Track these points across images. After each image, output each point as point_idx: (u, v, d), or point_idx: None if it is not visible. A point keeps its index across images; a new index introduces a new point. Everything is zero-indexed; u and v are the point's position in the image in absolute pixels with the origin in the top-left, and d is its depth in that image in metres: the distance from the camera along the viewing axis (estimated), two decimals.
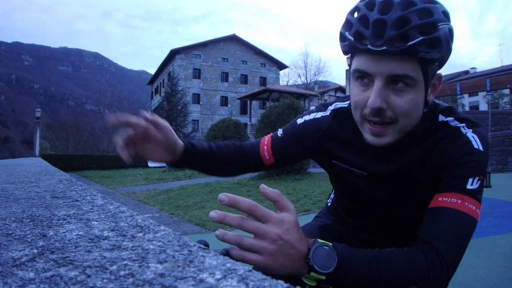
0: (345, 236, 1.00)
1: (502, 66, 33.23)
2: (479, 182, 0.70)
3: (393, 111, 0.69)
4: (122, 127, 0.74)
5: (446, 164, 0.74)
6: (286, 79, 48.88)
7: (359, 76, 0.71)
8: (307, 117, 0.93)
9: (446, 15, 0.67)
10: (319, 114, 0.92)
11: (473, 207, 0.68)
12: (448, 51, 0.68)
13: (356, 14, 0.69)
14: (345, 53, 0.75)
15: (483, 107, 29.66)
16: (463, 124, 0.77)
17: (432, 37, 0.64)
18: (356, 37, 0.68)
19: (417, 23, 0.63)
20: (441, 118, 0.79)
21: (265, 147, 0.92)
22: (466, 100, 31.18)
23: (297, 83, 46.97)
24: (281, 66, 43.04)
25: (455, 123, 0.77)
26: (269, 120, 10.47)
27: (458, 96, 7.10)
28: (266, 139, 0.94)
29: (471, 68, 40.37)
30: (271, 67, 42.03)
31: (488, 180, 5.15)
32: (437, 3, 0.67)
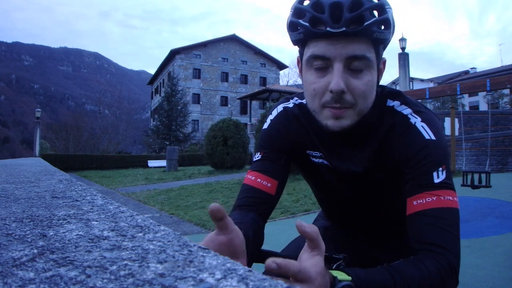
0: (345, 236, 1.01)
1: (502, 66, 33.23)
2: (444, 171, 0.69)
3: (352, 94, 0.69)
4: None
5: (403, 163, 0.73)
6: (286, 79, 48.92)
7: (315, 62, 0.70)
8: (271, 117, 0.91)
9: None
10: (281, 107, 0.91)
11: (450, 198, 0.68)
12: (393, 32, 0.71)
13: (306, 2, 0.69)
14: (296, 42, 0.74)
15: (483, 107, 29.65)
16: (410, 111, 0.76)
17: (383, 18, 0.67)
18: (312, 22, 0.68)
19: (369, 5, 0.66)
20: (389, 102, 0.79)
21: (259, 180, 0.81)
22: (466, 100, 31.17)
23: (297, 83, 46.95)
24: (281, 66, 43.05)
25: (402, 108, 0.77)
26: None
27: (458, 96, 7.09)
28: (251, 175, 0.83)
29: (471, 68, 40.40)
30: (271, 67, 42.03)
31: (488, 180, 5.14)
32: None
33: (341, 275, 0.57)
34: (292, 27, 0.72)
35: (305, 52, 0.72)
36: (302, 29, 0.69)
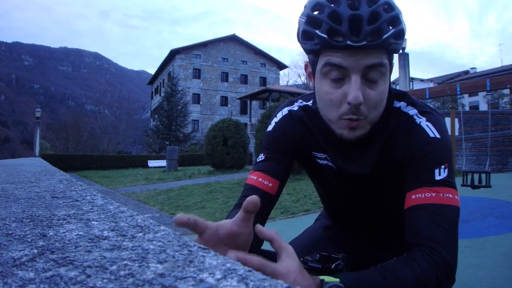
0: (346, 235, 1.01)
1: (502, 66, 33.23)
2: (446, 169, 0.69)
3: (366, 105, 0.69)
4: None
5: (406, 161, 0.73)
6: (286, 79, 49.02)
7: (331, 71, 0.69)
8: (275, 119, 0.91)
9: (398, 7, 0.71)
10: (285, 110, 0.91)
11: (450, 195, 0.67)
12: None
13: (320, 11, 0.68)
14: (311, 51, 0.72)
15: (483, 107, 29.64)
16: (416, 111, 0.77)
17: (399, 29, 0.67)
18: (330, 34, 0.66)
19: (386, 17, 0.66)
20: (395, 103, 0.79)
21: (260, 179, 0.81)
22: (466, 100, 31.16)
23: (297, 83, 46.99)
24: (281, 66, 43.05)
25: (408, 109, 0.78)
26: (269, 120, 10.45)
27: (458, 96, 7.09)
28: (254, 175, 0.83)
29: (471, 68, 40.41)
30: (271, 67, 42.02)
31: (488, 180, 5.14)
32: None
33: (328, 278, 0.57)
34: (307, 36, 0.70)
35: (320, 61, 0.71)
36: (318, 40, 0.67)
